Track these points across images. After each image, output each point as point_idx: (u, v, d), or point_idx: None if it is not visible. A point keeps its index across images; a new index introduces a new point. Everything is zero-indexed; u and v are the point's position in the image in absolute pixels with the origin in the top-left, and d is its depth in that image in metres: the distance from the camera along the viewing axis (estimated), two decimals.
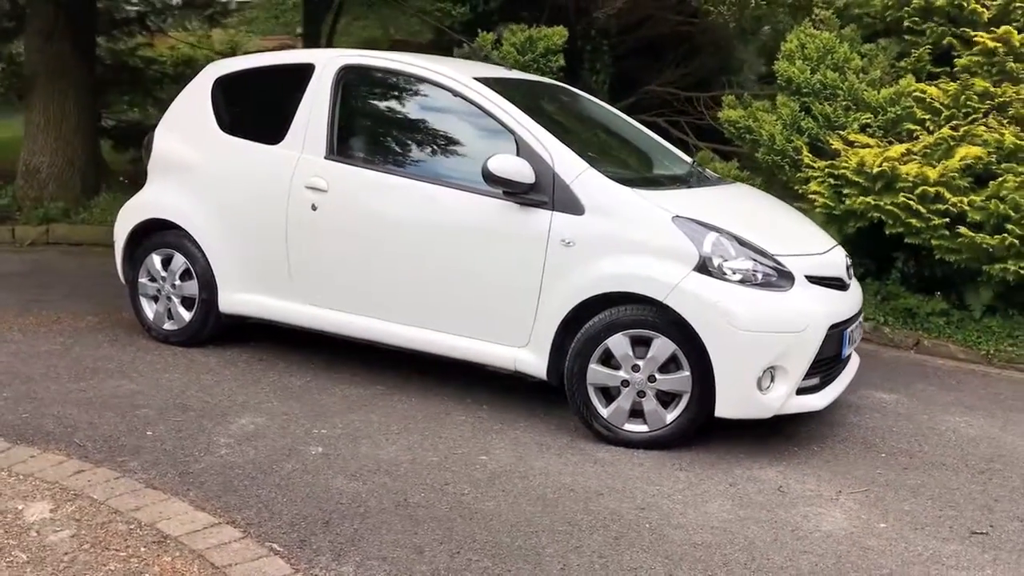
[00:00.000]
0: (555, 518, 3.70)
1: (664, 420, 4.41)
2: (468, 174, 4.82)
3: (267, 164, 5.27)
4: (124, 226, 5.77)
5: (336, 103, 5.16)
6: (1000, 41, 6.47)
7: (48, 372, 5.09)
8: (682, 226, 4.37)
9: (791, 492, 4.09)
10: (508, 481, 4.02)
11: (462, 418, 4.74)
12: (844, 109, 6.87)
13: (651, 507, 3.86)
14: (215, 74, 5.67)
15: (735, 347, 4.22)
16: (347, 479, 3.94)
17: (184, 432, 4.34)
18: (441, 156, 5.01)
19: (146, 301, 5.75)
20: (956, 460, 4.58)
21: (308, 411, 4.70)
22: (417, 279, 4.86)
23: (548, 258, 4.52)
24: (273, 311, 5.33)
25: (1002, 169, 6.30)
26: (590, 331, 4.43)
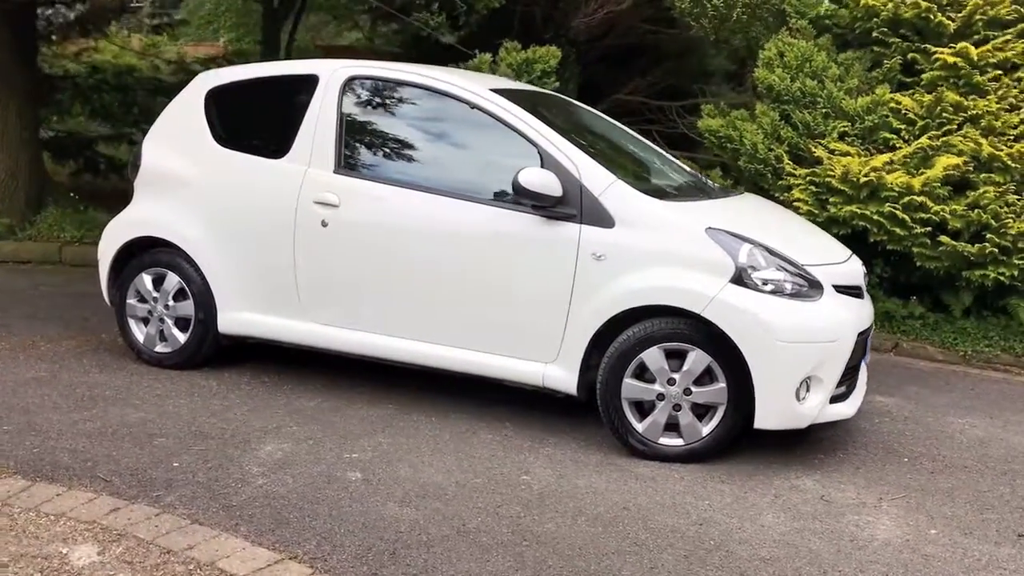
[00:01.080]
0: (619, 538, 3.64)
1: (700, 433, 4.40)
2: (489, 188, 4.75)
3: (270, 179, 5.09)
4: (111, 245, 5.50)
5: (343, 115, 5.01)
6: (959, 56, 6.67)
7: (43, 402, 4.80)
8: (716, 238, 4.36)
9: (835, 501, 4.12)
10: (558, 501, 3.94)
11: (488, 436, 4.65)
12: (823, 117, 6.99)
13: (708, 522, 3.83)
14: (208, 85, 5.45)
15: (775, 358, 4.22)
16: (397, 505, 3.81)
17: (212, 462, 4.14)
18: (460, 170, 4.90)
19: (135, 323, 5.49)
20: (976, 462, 4.68)
21: (331, 434, 4.54)
22: (439, 296, 4.75)
23: (578, 272, 4.46)
24: (278, 331, 5.14)
25: (980, 179, 6.49)
26: (625, 345, 4.39)
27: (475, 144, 4.93)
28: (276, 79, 5.35)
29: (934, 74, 6.72)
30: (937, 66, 6.70)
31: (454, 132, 4.98)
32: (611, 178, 4.52)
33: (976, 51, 6.61)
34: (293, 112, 5.16)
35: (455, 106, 4.87)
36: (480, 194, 4.74)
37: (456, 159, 4.97)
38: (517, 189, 4.43)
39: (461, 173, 4.89)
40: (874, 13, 7.10)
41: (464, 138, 4.96)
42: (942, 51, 6.65)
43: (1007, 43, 6.71)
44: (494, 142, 4.81)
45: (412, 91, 5.00)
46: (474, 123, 4.83)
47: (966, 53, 6.60)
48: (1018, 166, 6.42)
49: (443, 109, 4.94)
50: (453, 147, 5.01)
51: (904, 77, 7.12)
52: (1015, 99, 6.68)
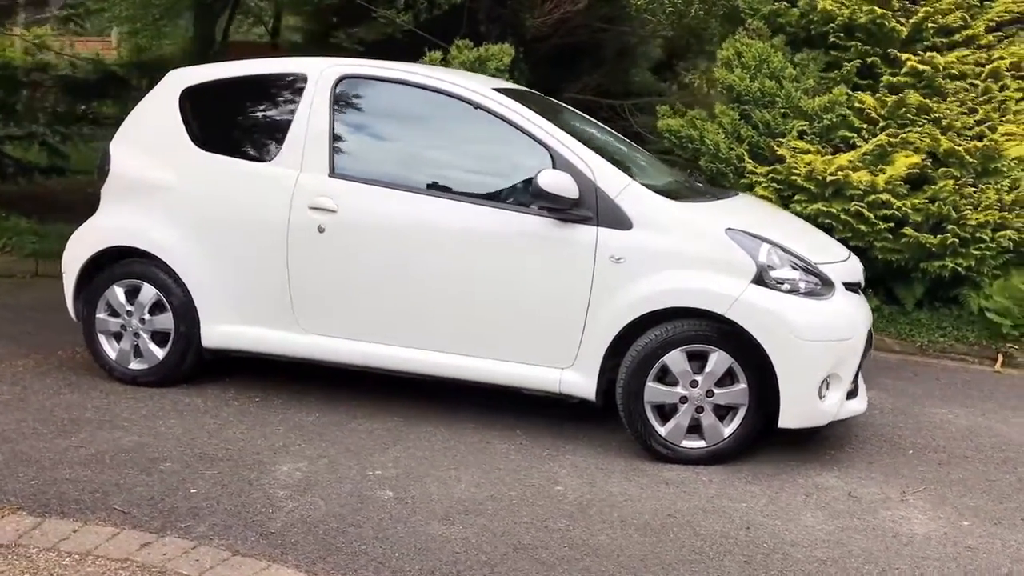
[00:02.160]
0: (677, 547, 3.59)
1: (722, 434, 4.38)
2: (498, 190, 4.63)
3: (259, 184, 4.83)
4: (77, 255, 5.14)
5: (336, 116, 4.79)
6: (926, 64, 6.88)
7: (20, 427, 4.44)
8: (735, 238, 4.35)
9: (862, 497, 4.16)
10: (600, 511, 3.86)
11: (504, 446, 4.53)
12: (782, 116, 7.10)
13: (753, 525, 3.81)
14: (182, 84, 5.14)
15: (799, 357, 4.24)
16: (441, 524, 3.66)
17: (230, 486, 3.90)
18: (465, 172, 4.76)
19: (106, 339, 5.15)
20: (973, 452, 4.81)
21: (343, 451, 4.35)
22: (448, 302, 4.59)
23: (596, 275, 4.38)
24: (269, 344, 4.89)
25: (938, 174, 6.70)
26: (647, 348, 4.33)
27: (480, 146, 4.79)
28: (259, 78, 5.08)
29: (901, 78, 6.89)
30: (904, 71, 6.87)
31: (456, 133, 4.82)
32: (626, 179, 4.46)
33: (943, 59, 6.81)
34: (280, 113, 4.94)
35: (457, 106, 4.71)
36: (489, 197, 4.62)
37: (460, 161, 4.82)
38: (536, 192, 4.32)
39: (467, 176, 4.75)
40: (830, 18, 7.24)
41: (468, 140, 4.81)
42: (911, 57, 6.83)
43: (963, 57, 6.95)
44: (501, 143, 4.68)
45: (409, 91, 4.81)
46: (478, 124, 4.68)
47: (932, 61, 6.81)
48: (974, 160, 6.64)
49: (443, 109, 4.77)
50: (456, 149, 4.85)
51: (858, 80, 7.29)
52: (972, 103, 6.93)
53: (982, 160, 6.68)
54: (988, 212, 6.59)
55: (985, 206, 6.60)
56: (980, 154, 6.67)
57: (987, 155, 6.68)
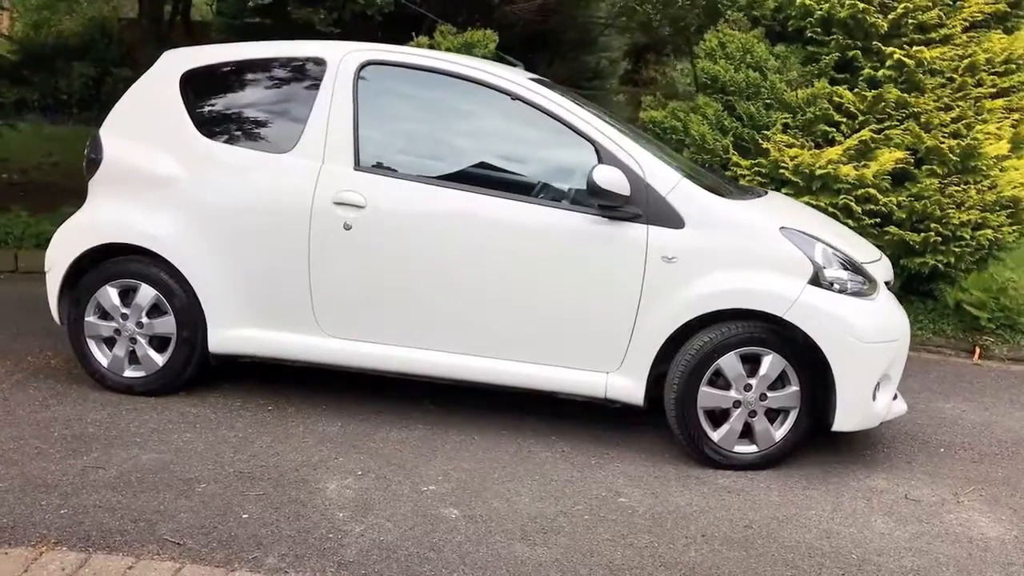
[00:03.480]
0: (770, 562, 3.46)
1: (773, 438, 4.28)
2: (539, 185, 4.41)
3: (276, 177, 4.47)
4: (64, 253, 4.67)
5: (359, 105, 4.47)
6: (912, 57, 6.93)
7: (21, 447, 4.00)
8: (791, 237, 4.24)
9: (921, 500, 4.12)
10: (675, 525, 3.71)
11: (547, 455, 4.33)
12: (766, 108, 7.06)
13: (831, 534, 3.72)
14: (182, 67, 4.71)
15: (857, 359, 4.17)
16: (525, 545, 3.44)
17: (284, 509, 3.58)
18: (503, 166, 4.50)
19: (96, 344, 4.71)
20: (998, 449, 4.85)
21: (385, 464, 4.07)
22: (485, 304, 4.35)
23: (647, 275, 4.21)
24: (285, 348, 4.55)
25: (922, 172, 6.78)
26: (702, 352, 4.19)
27: (519, 139, 4.54)
28: (270, 62, 4.69)
29: (885, 71, 6.92)
30: (888, 65, 6.90)
31: (492, 125, 4.56)
32: (677, 176, 4.30)
33: (928, 53, 6.86)
34: (296, 100, 4.58)
35: (492, 96, 4.45)
36: (529, 192, 4.39)
37: (498, 155, 4.55)
38: (592, 188, 4.11)
39: (505, 170, 4.49)
40: (808, 12, 7.23)
41: (505, 132, 4.56)
42: (897, 51, 6.86)
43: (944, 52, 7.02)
44: (541, 136, 4.45)
45: (439, 79, 4.51)
46: (516, 116, 4.44)
47: (919, 56, 6.85)
48: (955, 158, 6.74)
49: (477, 99, 4.50)
50: (492, 142, 4.59)
51: (835, 74, 7.30)
52: (948, 99, 7.01)
53: (963, 158, 6.78)
54: (970, 212, 6.70)
55: (968, 206, 6.70)
56: (961, 152, 6.76)
57: (967, 153, 6.78)
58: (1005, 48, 7.19)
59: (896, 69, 7.02)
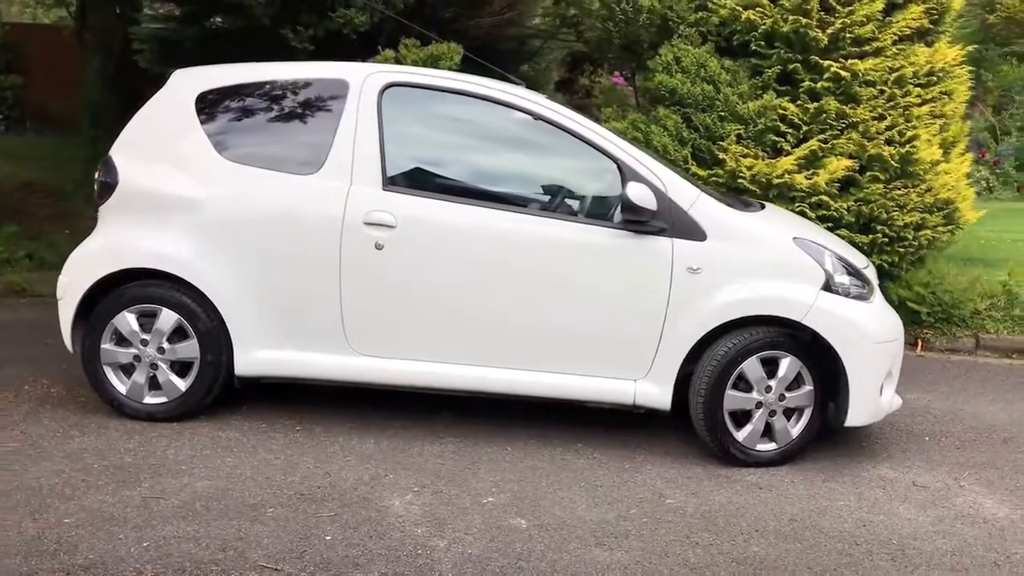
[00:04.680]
0: (825, 552, 3.72)
1: (791, 436, 4.57)
2: (564, 202, 4.58)
3: (304, 198, 4.50)
4: (80, 280, 4.57)
5: (384, 126, 4.54)
6: (847, 70, 7.39)
7: (66, 480, 3.93)
8: (804, 247, 4.54)
9: (928, 487, 4.47)
10: (728, 522, 3.93)
11: (582, 462, 4.50)
12: (720, 120, 7.41)
13: (866, 523, 4.01)
14: (196, 87, 4.67)
15: (867, 358, 4.49)
16: (604, 550, 3.61)
17: (362, 529, 3.64)
18: (530, 184, 4.65)
19: (112, 371, 4.63)
20: (973, 435, 5.26)
21: (436, 479, 4.17)
22: (517, 317, 4.48)
23: (673, 286, 4.43)
24: (315, 368, 4.57)
25: (865, 178, 7.24)
26: (727, 357, 4.43)
27: (543, 157, 4.69)
28: (288, 83, 4.69)
29: (823, 83, 7.35)
30: (826, 77, 7.33)
31: (517, 144, 4.70)
32: (696, 191, 4.54)
33: (863, 65, 7.33)
34: (318, 121, 4.62)
35: (514, 116, 4.59)
36: (556, 209, 4.56)
37: (524, 173, 4.70)
38: (627, 205, 4.30)
39: (532, 188, 4.65)
40: (754, 27, 7.60)
41: (529, 151, 4.70)
42: (834, 65, 7.29)
43: (877, 64, 7.50)
44: (565, 155, 4.62)
45: (463, 100, 4.62)
46: (539, 135, 4.59)
47: (854, 68, 7.31)
48: (896, 165, 7.23)
49: (499, 120, 4.64)
50: (518, 160, 4.73)
51: (778, 86, 7.70)
52: (882, 109, 7.50)
53: (902, 164, 7.28)
54: (912, 214, 7.20)
55: (909, 208, 7.20)
56: (900, 158, 7.26)
57: (906, 159, 7.28)
58: (928, 61, 7.73)
59: (834, 81, 7.46)
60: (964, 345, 7.37)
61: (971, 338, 7.38)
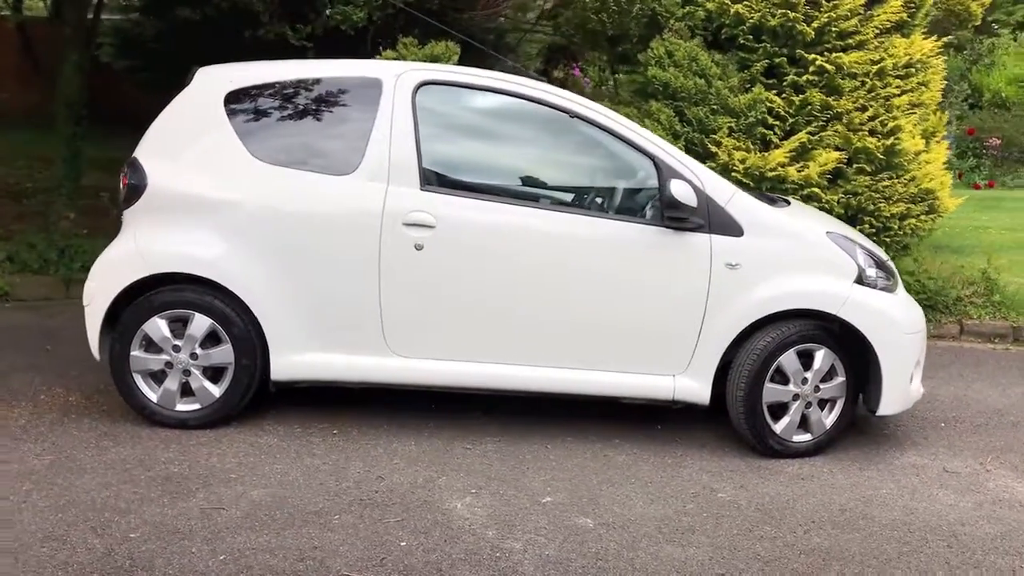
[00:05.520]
0: (884, 541, 3.80)
1: (825, 426, 4.66)
2: (604, 199, 4.59)
3: (341, 199, 4.43)
4: (108, 286, 4.43)
5: (419, 125, 4.49)
6: (832, 63, 7.53)
7: (119, 494, 3.82)
8: (837, 241, 4.62)
9: (959, 472, 4.60)
10: (782, 514, 4.00)
11: (623, 458, 4.53)
12: (712, 113, 7.49)
13: (913, 511, 4.11)
14: (224, 87, 4.55)
15: (899, 349, 4.59)
16: (675, 546, 3.64)
17: (434, 533, 3.61)
18: (568, 182, 4.65)
19: (142, 379, 4.51)
20: (983, 419, 5.43)
21: (490, 480, 4.16)
22: (559, 316, 4.48)
23: (712, 281, 4.48)
24: (352, 371, 4.52)
25: (852, 170, 7.40)
26: (766, 350, 4.50)
27: (580, 155, 4.69)
28: (320, 82, 4.60)
29: (808, 76, 7.47)
30: (812, 70, 7.46)
31: (552, 142, 4.69)
32: (733, 187, 4.59)
33: (847, 59, 7.47)
34: (352, 121, 4.54)
35: (550, 114, 4.57)
36: (595, 207, 4.57)
37: (559, 171, 4.69)
38: (670, 202, 4.33)
39: (568, 185, 4.65)
40: (742, 20, 7.70)
41: (566, 149, 4.69)
42: (819, 58, 7.42)
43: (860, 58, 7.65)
44: (601, 153, 4.62)
45: (498, 98, 4.59)
46: (575, 133, 4.59)
47: (838, 62, 7.45)
48: (883, 157, 7.40)
49: (535, 118, 4.62)
50: (554, 158, 4.71)
51: (763, 79, 7.81)
52: (863, 101, 7.66)
53: (887, 155, 7.45)
54: (897, 204, 7.38)
55: (895, 199, 7.37)
56: (885, 150, 7.43)
57: (890, 150, 7.45)
58: (907, 52, 7.91)
59: (818, 74, 7.59)
60: (949, 331, 7.57)
61: (955, 324, 7.59)
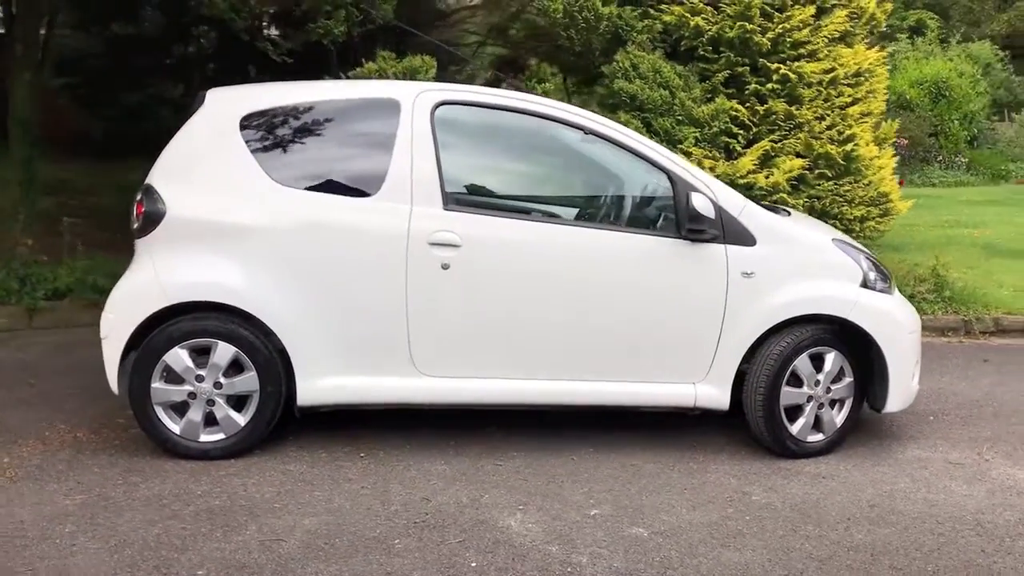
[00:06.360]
0: (917, 534, 3.98)
1: (836, 426, 4.84)
2: (623, 214, 4.69)
3: (365, 221, 4.42)
4: (128, 317, 4.32)
5: (439, 145, 4.51)
6: (794, 72, 7.82)
7: (168, 531, 3.73)
8: (842, 248, 4.82)
9: (963, 463, 4.82)
10: (818, 514, 4.14)
11: (652, 467, 4.62)
12: (677, 123, 7.68)
13: (933, 503, 4.31)
14: (239, 110, 4.48)
15: (904, 348, 4.81)
16: (731, 551, 3.74)
17: (499, 553, 3.64)
18: (583, 198, 4.72)
19: (164, 411, 4.40)
20: (967, 411, 5.69)
21: (531, 496, 4.20)
22: (583, 330, 4.55)
23: (730, 290, 4.61)
24: (381, 392, 4.51)
25: (814, 175, 7.69)
26: (783, 355, 4.65)
27: (596, 171, 4.77)
28: (336, 104, 4.58)
29: (771, 85, 7.74)
30: (775, 79, 7.72)
31: (570, 159, 4.76)
32: (743, 199, 4.73)
33: (807, 68, 7.75)
34: (371, 142, 4.54)
35: (565, 132, 4.65)
36: (614, 221, 4.66)
37: (578, 187, 4.77)
38: (692, 214, 4.44)
39: (587, 201, 4.73)
40: (700, 32, 7.93)
41: (581, 165, 4.77)
42: (781, 66, 7.69)
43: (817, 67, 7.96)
44: (617, 168, 4.72)
45: (514, 117, 4.63)
46: (591, 149, 4.67)
47: (800, 71, 7.72)
48: (843, 163, 7.71)
49: (551, 135, 4.68)
50: (571, 175, 4.79)
51: (724, 89, 8.06)
52: (821, 109, 7.97)
53: (847, 161, 7.76)
54: (858, 207, 7.70)
55: (857, 202, 7.69)
56: (844, 155, 7.74)
57: (848, 156, 7.77)
58: (855, 62, 8.26)
59: (780, 83, 7.87)
60: None
61: None
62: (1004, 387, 6.21)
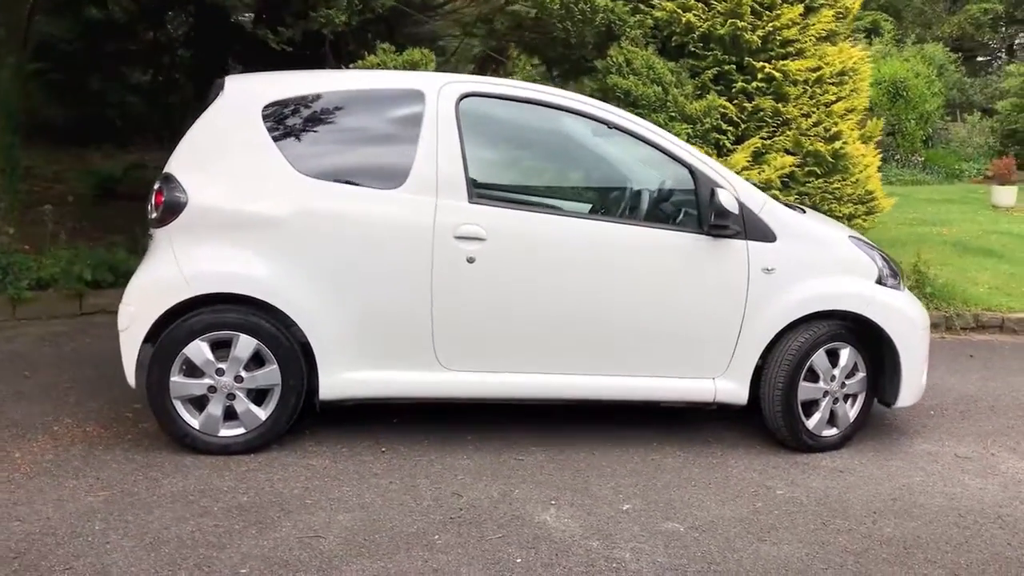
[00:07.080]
0: (943, 528, 4.04)
1: (849, 420, 4.90)
2: (645, 208, 4.68)
3: (390, 213, 4.36)
4: (148, 309, 4.21)
5: (464, 137, 4.47)
6: (779, 71, 7.88)
7: (200, 528, 3.65)
8: (858, 245, 4.87)
9: (970, 457, 4.92)
10: (842, 508, 4.19)
11: (671, 461, 4.63)
12: (670, 119, 7.71)
13: (954, 496, 4.39)
14: (261, 99, 4.39)
15: (916, 344, 4.88)
16: (769, 545, 3.77)
17: (540, 548, 3.62)
18: (609, 192, 4.70)
19: (183, 405, 4.31)
20: (965, 406, 5.80)
21: (562, 490, 4.20)
22: (606, 324, 4.55)
23: (751, 286, 4.63)
24: (404, 386, 4.46)
25: (803, 173, 7.77)
26: (801, 350, 4.69)
27: (619, 164, 4.76)
28: (360, 94, 4.50)
29: (757, 83, 7.79)
30: (761, 77, 7.78)
31: (594, 153, 4.74)
32: (764, 195, 4.76)
33: (794, 65, 7.82)
34: (396, 134, 4.48)
35: (589, 125, 4.64)
36: (638, 215, 4.65)
37: (603, 181, 4.75)
38: (719, 210, 4.45)
39: (611, 195, 4.71)
40: (692, 29, 7.96)
41: (606, 158, 4.75)
42: (767, 66, 7.74)
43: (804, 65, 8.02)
44: (640, 162, 4.71)
45: (538, 110, 4.60)
46: (615, 143, 4.67)
47: (785, 69, 7.79)
48: (832, 160, 7.80)
49: (576, 129, 4.67)
50: (595, 168, 4.77)
51: (712, 85, 8.09)
52: (807, 107, 8.05)
53: (835, 159, 7.85)
54: (847, 204, 7.80)
55: (845, 200, 7.79)
56: (832, 153, 7.83)
57: (837, 154, 7.86)
58: (840, 60, 8.36)
59: (767, 81, 7.93)
60: None
61: None
62: (994, 382, 6.34)
